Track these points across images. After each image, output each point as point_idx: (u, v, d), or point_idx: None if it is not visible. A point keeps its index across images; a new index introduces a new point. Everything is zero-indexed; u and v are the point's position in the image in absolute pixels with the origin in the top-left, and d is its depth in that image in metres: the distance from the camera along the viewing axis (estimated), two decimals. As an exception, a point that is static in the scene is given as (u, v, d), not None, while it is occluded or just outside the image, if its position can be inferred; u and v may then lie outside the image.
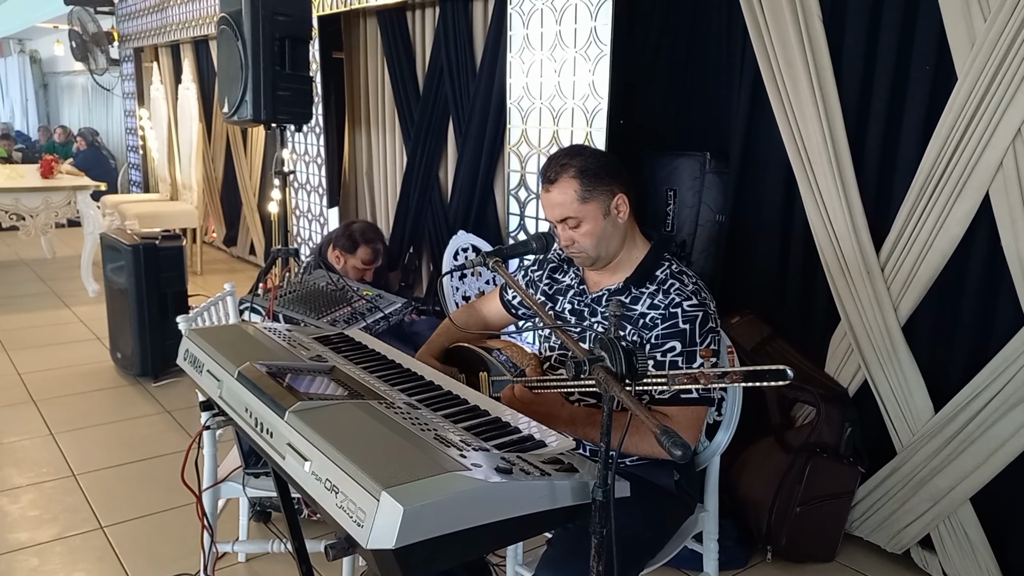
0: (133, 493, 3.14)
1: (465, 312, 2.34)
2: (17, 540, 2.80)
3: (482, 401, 1.50)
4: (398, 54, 4.82)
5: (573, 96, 3.31)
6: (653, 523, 1.84)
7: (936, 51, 2.47)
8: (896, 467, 2.69)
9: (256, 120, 3.62)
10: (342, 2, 4.79)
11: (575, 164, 1.87)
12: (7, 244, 8.22)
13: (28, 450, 3.52)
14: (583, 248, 1.90)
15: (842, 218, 2.68)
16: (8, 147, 11.98)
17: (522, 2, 3.48)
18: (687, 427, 1.82)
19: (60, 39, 10.61)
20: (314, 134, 5.30)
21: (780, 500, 2.69)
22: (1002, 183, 2.33)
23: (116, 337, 4.52)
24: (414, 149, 4.77)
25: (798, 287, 2.98)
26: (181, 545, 2.76)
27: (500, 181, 4.15)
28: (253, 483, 2.24)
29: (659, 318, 1.85)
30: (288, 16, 3.63)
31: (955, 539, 2.59)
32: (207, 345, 1.65)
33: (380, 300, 2.93)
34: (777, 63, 2.77)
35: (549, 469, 1.22)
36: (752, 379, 1.46)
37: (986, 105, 2.31)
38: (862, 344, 2.71)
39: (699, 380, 1.43)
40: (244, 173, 7.16)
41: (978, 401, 2.44)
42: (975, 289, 2.50)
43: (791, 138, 2.79)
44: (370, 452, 1.15)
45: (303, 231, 5.71)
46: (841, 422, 2.72)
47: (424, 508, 1.03)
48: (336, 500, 1.10)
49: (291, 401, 1.31)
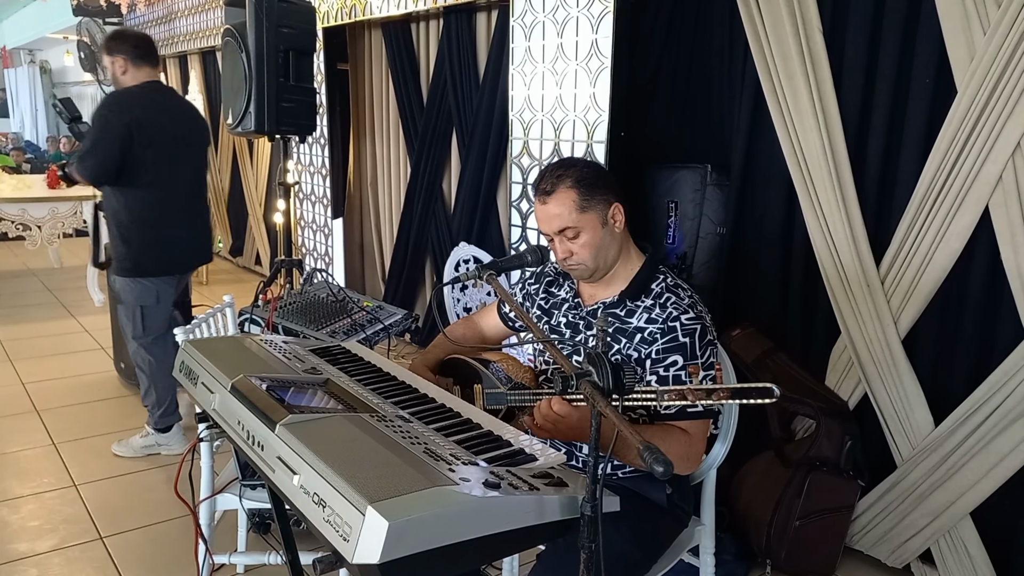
0: (134, 504, 3.15)
1: (463, 325, 2.35)
2: (17, 550, 2.81)
3: (475, 414, 1.50)
4: (402, 66, 4.85)
5: (574, 108, 3.31)
6: (644, 539, 1.83)
7: (936, 65, 2.47)
8: (896, 481, 2.68)
9: (260, 132, 3.64)
10: (347, 14, 4.82)
11: (571, 175, 1.87)
12: (15, 254, 8.26)
13: (30, 460, 3.53)
14: (582, 260, 1.90)
15: (842, 231, 2.68)
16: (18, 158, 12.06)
17: (524, 15, 3.50)
18: (700, 439, 1.83)
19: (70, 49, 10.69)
20: (319, 145, 5.33)
21: (780, 514, 2.68)
22: (1001, 197, 2.33)
23: (120, 347, 4.52)
24: (418, 160, 4.79)
25: (799, 300, 2.98)
26: (180, 556, 2.76)
27: (503, 193, 4.16)
28: (250, 495, 2.24)
29: (658, 332, 1.85)
30: (292, 28, 3.66)
31: (955, 553, 2.57)
32: (202, 357, 1.66)
33: (380, 312, 2.93)
34: (778, 76, 2.77)
35: (538, 483, 1.22)
36: (740, 396, 1.46)
37: (986, 119, 2.31)
38: (862, 357, 2.70)
39: (687, 396, 1.43)
40: (250, 183, 7.19)
41: (978, 415, 2.43)
42: (975, 303, 2.49)
43: (792, 151, 2.79)
44: (358, 466, 1.15)
45: (308, 242, 5.73)
46: (841, 436, 2.71)
47: (409, 523, 1.02)
48: (323, 514, 1.10)
49: (282, 414, 1.31)
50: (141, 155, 3.23)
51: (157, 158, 3.27)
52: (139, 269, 3.37)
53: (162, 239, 3.37)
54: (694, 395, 1.45)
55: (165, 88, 3.48)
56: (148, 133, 3.22)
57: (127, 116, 3.20)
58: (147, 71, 3.37)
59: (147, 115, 3.24)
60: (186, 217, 3.45)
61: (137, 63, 3.34)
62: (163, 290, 3.43)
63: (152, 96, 3.37)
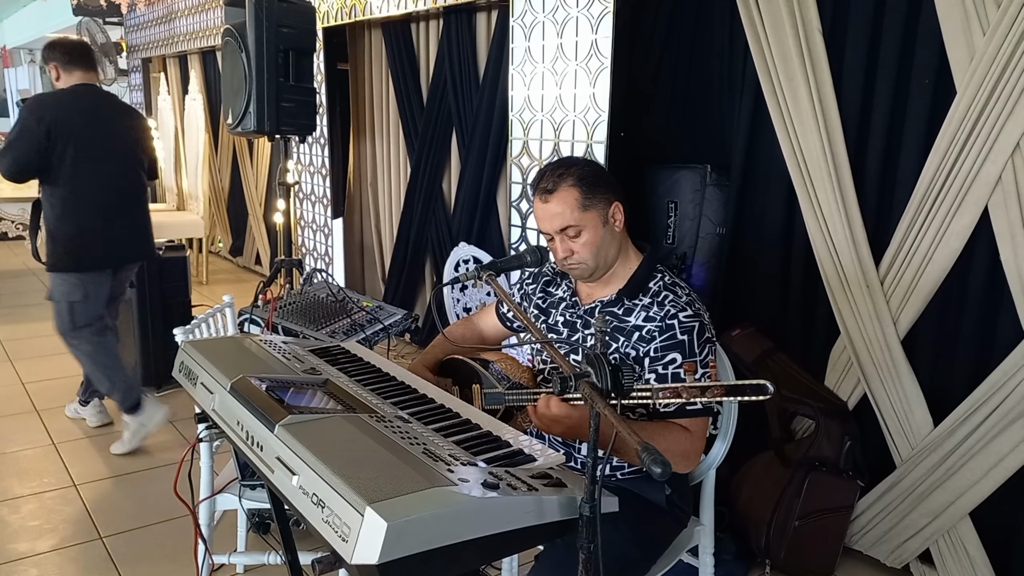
0: (133, 503, 3.15)
1: (463, 325, 2.35)
2: (17, 550, 2.81)
3: (474, 415, 1.50)
4: (402, 66, 4.85)
5: (574, 108, 3.32)
6: (643, 539, 1.83)
7: (936, 65, 2.48)
8: (895, 481, 2.68)
9: (260, 132, 3.64)
10: (347, 14, 4.82)
11: (573, 173, 1.87)
12: (15, 254, 8.26)
13: (30, 460, 3.53)
14: (582, 259, 1.90)
15: (842, 231, 2.68)
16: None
17: (524, 15, 3.50)
18: (701, 437, 1.84)
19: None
20: (319, 145, 5.33)
21: (779, 514, 2.69)
22: (1001, 197, 2.33)
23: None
24: (418, 160, 4.80)
25: (798, 300, 2.98)
26: (180, 556, 2.76)
27: (503, 193, 4.17)
28: (249, 495, 2.24)
29: (656, 330, 1.85)
30: (292, 28, 3.66)
31: (955, 554, 2.57)
32: (202, 357, 1.66)
33: (380, 312, 2.94)
34: (778, 77, 2.78)
35: (537, 484, 1.22)
36: (734, 393, 1.46)
37: (985, 119, 2.31)
38: (861, 358, 2.70)
39: (681, 395, 1.43)
40: (250, 183, 7.20)
41: (977, 415, 2.43)
42: (974, 303, 2.49)
43: (791, 152, 2.79)
44: (357, 466, 1.15)
45: (308, 242, 5.73)
46: (841, 436, 2.71)
47: (408, 523, 1.03)
48: (322, 515, 1.10)
49: (281, 415, 1.31)
50: (61, 154, 3.38)
51: (77, 157, 3.41)
52: (64, 264, 3.48)
53: (83, 235, 3.48)
54: (689, 393, 1.45)
55: (94, 90, 3.62)
56: (67, 132, 3.37)
57: (47, 116, 3.36)
58: (79, 75, 3.54)
59: (67, 115, 3.41)
60: (109, 214, 3.55)
61: (68, 68, 3.52)
62: (90, 286, 3.53)
63: (76, 97, 3.51)
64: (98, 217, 3.50)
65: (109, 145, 3.53)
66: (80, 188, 3.45)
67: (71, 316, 3.51)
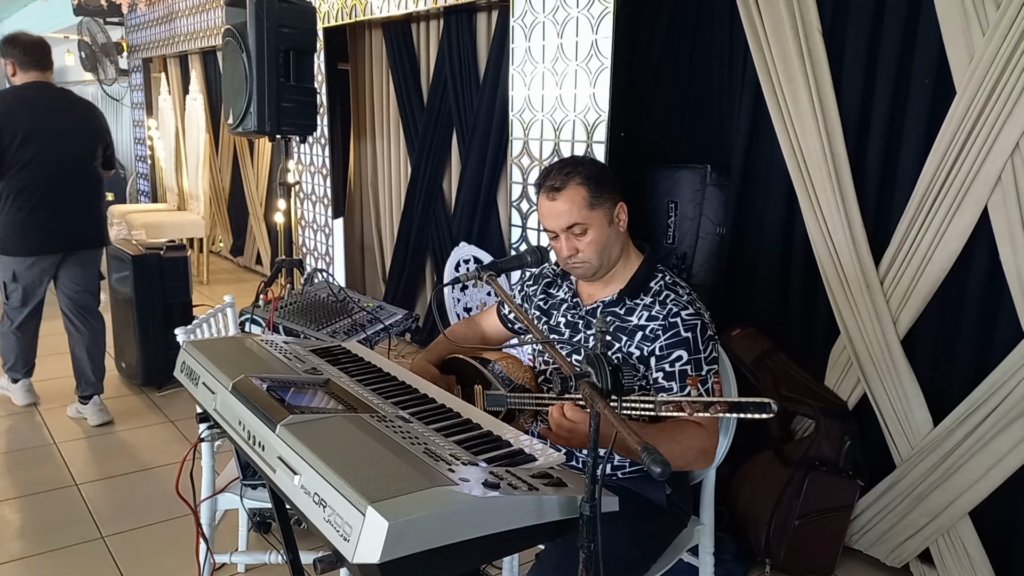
0: (135, 503, 3.15)
1: (464, 325, 2.35)
2: (18, 550, 2.82)
3: (475, 415, 1.50)
4: (403, 66, 4.85)
5: (574, 108, 3.32)
6: (643, 538, 1.84)
7: (935, 66, 2.48)
8: (895, 481, 2.68)
9: (260, 132, 3.65)
10: (347, 14, 4.83)
11: (580, 172, 1.88)
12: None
13: (30, 460, 3.53)
14: (587, 258, 1.90)
15: (841, 231, 2.68)
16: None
17: (524, 15, 3.50)
18: (715, 432, 1.85)
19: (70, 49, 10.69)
20: (319, 145, 5.33)
21: (779, 514, 2.69)
22: (1000, 197, 2.33)
23: (121, 347, 4.54)
24: (418, 160, 4.80)
25: (798, 300, 2.98)
26: (181, 556, 2.77)
27: (503, 193, 4.17)
28: (251, 494, 2.25)
29: (659, 329, 1.86)
30: (293, 28, 3.67)
31: (954, 553, 2.58)
32: (203, 357, 1.66)
33: (380, 312, 2.94)
34: (778, 77, 2.78)
35: (537, 484, 1.23)
36: (737, 410, 1.46)
37: (984, 119, 2.31)
38: (861, 357, 2.71)
39: (684, 409, 1.43)
40: (250, 183, 7.20)
41: (977, 415, 2.44)
42: (974, 303, 2.49)
43: (791, 152, 2.79)
44: (358, 466, 1.16)
45: (308, 241, 5.74)
46: (840, 436, 2.72)
47: (409, 523, 1.03)
48: (324, 514, 1.10)
49: (283, 415, 1.31)
50: (8, 146, 3.58)
51: (22, 149, 3.60)
52: (4, 248, 3.74)
53: (25, 222, 3.68)
54: (692, 407, 1.45)
55: (47, 87, 3.77)
56: (14, 127, 3.57)
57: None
58: (34, 74, 3.72)
59: (14, 111, 3.61)
60: (52, 203, 3.71)
61: (24, 67, 3.72)
62: (20, 270, 3.77)
63: (27, 94, 3.70)
64: (43, 205, 3.69)
65: (54, 140, 3.69)
66: (26, 178, 3.64)
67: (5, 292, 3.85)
